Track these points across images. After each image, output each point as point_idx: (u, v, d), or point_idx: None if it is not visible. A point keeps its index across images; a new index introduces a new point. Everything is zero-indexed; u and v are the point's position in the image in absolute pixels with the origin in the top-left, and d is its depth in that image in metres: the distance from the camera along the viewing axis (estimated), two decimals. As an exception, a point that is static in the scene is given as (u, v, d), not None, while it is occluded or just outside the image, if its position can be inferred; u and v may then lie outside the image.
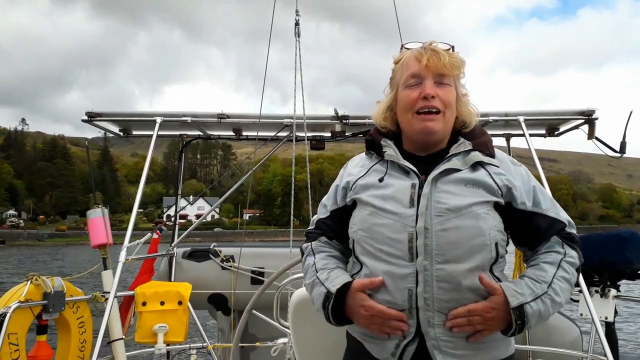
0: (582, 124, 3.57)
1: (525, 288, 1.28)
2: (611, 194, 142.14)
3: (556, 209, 1.42)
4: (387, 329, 1.29)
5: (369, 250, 1.35)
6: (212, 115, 3.81)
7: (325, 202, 1.57)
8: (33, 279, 2.98)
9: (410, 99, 1.40)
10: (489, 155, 1.41)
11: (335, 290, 1.34)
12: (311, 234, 1.55)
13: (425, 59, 1.38)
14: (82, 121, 3.63)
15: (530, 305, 1.26)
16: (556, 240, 1.37)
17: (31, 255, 42.60)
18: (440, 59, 1.38)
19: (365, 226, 1.36)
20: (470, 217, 1.29)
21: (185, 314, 3.39)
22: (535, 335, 3.19)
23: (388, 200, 1.34)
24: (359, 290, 1.32)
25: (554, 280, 1.31)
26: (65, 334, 3.17)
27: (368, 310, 1.30)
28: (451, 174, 1.35)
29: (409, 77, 1.42)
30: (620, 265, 3.02)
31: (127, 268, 3.38)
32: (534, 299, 1.26)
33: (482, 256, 1.29)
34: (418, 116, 1.39)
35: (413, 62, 1.42)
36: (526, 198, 1.38)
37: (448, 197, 1.31)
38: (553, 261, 1.34)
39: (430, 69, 1.38)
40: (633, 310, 10.41)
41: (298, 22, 3.88)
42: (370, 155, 1.51)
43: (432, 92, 1.37)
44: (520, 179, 1.40)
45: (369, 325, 1.32)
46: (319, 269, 1.43)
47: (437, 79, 1.39)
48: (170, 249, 4.01)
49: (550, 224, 1.38)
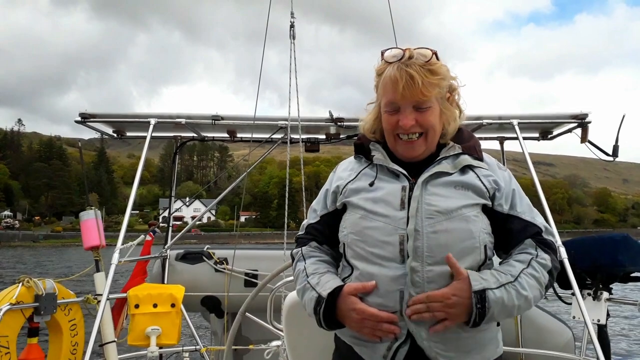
0: (575, 127, 3.59)
1: (489, 276, 1.28)
2: (606, 198, 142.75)
3: (532, 213, 1.42)
4: (379, 333, 1.29)
5: (360, 253, 1.34)
6: (206, 116, 3.80)
7: (315, 206, 1.56)
8: (24, 281, 2.96)
9: (390, 124, 1.41)
10: (477, 158, 1.43)
11: (327, 295, 1.33)
12: (301, 239, 1.55)
13: (400, 87, 1.34)
14: (75, 122, 3.62)
15: (493, 292, 1.25)
16: (530, 243, 1.37)
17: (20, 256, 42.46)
18: (415, 85, 1.32)
19: (357, 229, 1.36)
20: (461, 220, 1.30)
21: (178, 316, 3.38)
22: (527, 337, 3.20)
23: (379, 203, 1.35)
24: (350, 294, 1.32)
25: (521, 275, 1.30)
26: (56, 337, 3.15)
27: (359, 313, 1.29)
28: (441, 177, 1.36)
29: (387, 103, 1.40)
30: (612, 268, 3.03)
31: (120, 270, 3.36)
32: (498, 286, 1.26)
33: (471, 258, 1.30)
34: (400, 140, 1.40)
35: (389, 88, 1.37)
36: (504, 200, 1.39)
37: (438, 200, 1.32)
38: (523, 260, 1.34)
39: (407, 98, 1.35)
40: (625, 313, 10.46)
41: (293, 25, 3.89)
42: (359, 159, 1.51)
43: (409, 123, 1.36)
44: (504, 182, 1.42)
45: (360, 329, 1.31)
46: (310, 274, 1.42)
47: (415, 105, 1.37)
48: (164, 251, 4.00)
49: (524, 226, 1.38)
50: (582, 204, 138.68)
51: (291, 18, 3.91)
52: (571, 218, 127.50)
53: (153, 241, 3.88)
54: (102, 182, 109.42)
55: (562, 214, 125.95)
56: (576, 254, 3.06)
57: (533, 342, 3.18)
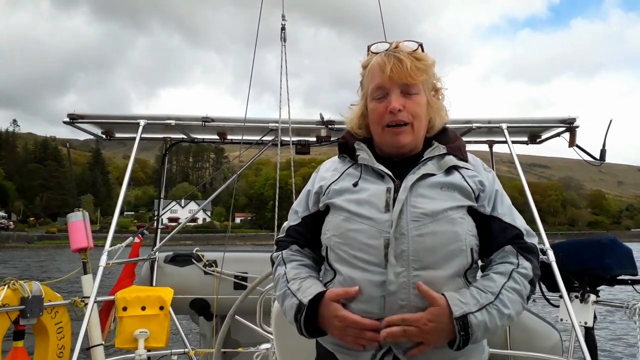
0: (563, 131, 3.61)
1: (469, 298, 1.22)
2: (600, 201, 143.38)
3: (513, 216, 1.37)
4: (362, 341, 1.23)
5: (344, 257, 1.29)
6: (196, 118, 3.79)
7: (296, 207, 1.50)
8: (10, 283, 2.95)
9: (378, 113, 1.37)
10: (462, 159, 1.40)
11: (308, 301, 1.27)
12: (281, 243, 1.48)
13: (388, 69, 1.33)
14: (63, 123, 3.59)
15: (475, 316, 1.19)
16: (511, 250, 1.31)
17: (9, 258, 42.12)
18: (403, 67, 1.32)
19: (340, 232, 1.31)
20: (447, 222, 1.26)
21: (167, 319, 3.36)
22: (515, 340, 3.21)
23: (363, 205, 1.30)
24: (332, 301, 1.26)
25: (502, 291, 1.24)
26: (43, 340, 3.13)
27: (342, 320, 1.24)
28: (427, 178, 1.32)
29: (374, 89, 1.38)
30: (599, 271, 3.04)
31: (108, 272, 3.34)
32: (479, 309, 1.20)
33: (458, 262, 1.26)
34: (387, 129, 1.36)
35: (377, 72, 1.37)
36: (486, 201, 1.35)
37: (424, 202, 1.28)
38: (504, 271, 1.28)
39: (395, 80, 1.34)
40: (612, 316, 10.53)
41: (284, 27, 3.90)
42: (343, 159, 1.47)
43: (398, 105, 1.33)
44: (488, 183, 1.39)
45: (343, 337, 1.26)
46: (290, 279, 1.36)
47: (403, 89, 1.35)
48: (152, 253, 3.98)
49: (504, 228, 1.34)
50: (577, 206, 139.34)
51: (282, 20, 3.91)
52: (565, 220, 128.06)
53: (142, 243, 3.86)
54: (97, 183, 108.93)
55: (557, 216, 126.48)
56: (564, 256, 3.07)
57: (521, 345, 3.19)
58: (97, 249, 3.42)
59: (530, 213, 3.22)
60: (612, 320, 10.57)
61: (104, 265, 3.13)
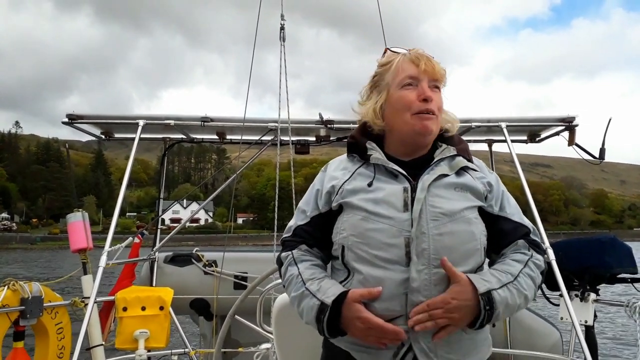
0: (562, 130, 3.61)
1: (490, 277, 1.28)
2: (603, 200, 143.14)
3: (520, 215, 1.44)
4: (385, 340, 1.25)
5: (363, 256, 1.29)
6: (195, 118, 3.80)
7: (303, 207, 1.48)
8: (10, 284, 2.95)
9: (408, 100, 1.39)
10: (469, 161, 1.44)
11: (331, 302, 1.27)
12: (289, 242, 1.46)
13: (422, 63, 1.40)
14: (62, 123, 3.60)
15: (498, 292, 1.24)
16: (523, 244, 1.38)
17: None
18: (434, 65, 1.41)
19: (358, 231, 1.31)
20: (463, 222, 1.30)
21: (167, 319, 3.35)
22: (515, 339, 3.20)
23: (380, 205, 1.31)
24: (355, 301, 1.25)
25: (520, 275, 1.30)
26: (43, 341, 3.13)
27: (364, 322, 1.24)
28: (441, 179, 1.35)
29: (405, 78, 1.41)
30: (599, 269, 3.04)
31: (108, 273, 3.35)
32: (501, 286, 1.25)
33: (474, 260, 1.30)
34: (416, 116, 1.38)
35: (409, 65, 1.42)
36: (494, 202, 1.40)
37: (441, 202, 1.31)
38: (520, 259, 1.34)
39: (428, 73, 1.40)
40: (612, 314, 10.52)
41: (283, 27, 3.90)
42: (352, 158, 1.46)
43: (430, 94, 1.39)
44: (494, 184, 1.44)
45: (365, 338, 1.26)
46: (307, 280, 1.34)
47: (431, 84, 1.41)
48: (152, 254, 3.98)
49: (515, 227, 1.40)
50: (579, 205, 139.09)
51: (281, 20, 3.92)
52: (568, 219, 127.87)
53: (142, 243, 3.86)
54: (99, 185, 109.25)
55: (559, 216, 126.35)
56: (564, 255, 3.07)
57: (521, 344, 3.19)
58: (97, 250, 3.42)
59: (531, 212, 3.22)
60: (612, 318, 10.56)
61: (103, 265, 3.13)
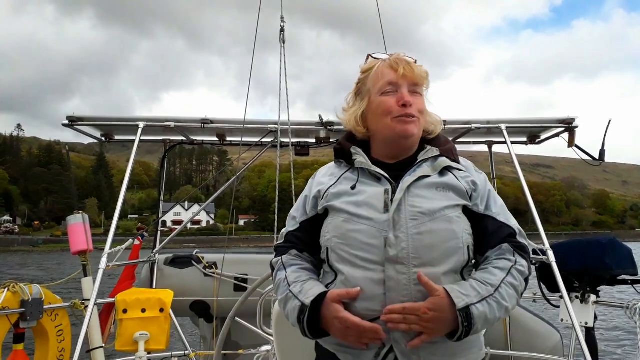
0: (562, 132, 3.61)
1: (470, 290, 1.26)
2: (605, 200, 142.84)
3: (506, 215, 1.43)
4: (365, 340, 1.26)
5: (345, 257, 1.33)
6: (195, 120, 3.80)
7: (294, 213, 1.53)
8: (10, 286, 2.96)
9: (388, 105, 1.42)
10: (454, 161, 1.45)
11: (310, 302, 1.30)
12: (281, 248, 1.51)
13: (401, 68, 1.43)
14: (63, 125, 3.61)
15: (477, 307, 1.23)
16: (507, 248, 1.36)
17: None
18: (413, 69, 1.44)
19: (340, 233, 1.35)
20: (444, 221, 1.31)
21: (167, 321, 3.36)
22: (515, 340, 3.19)
23: (362, 207, 1.34)
24: (334, 301, 1.28)
25: (502, 285, 1.28)
26: (43, 343, 3.14)
27: (342, 322, 1.26)
28: (422, 179, 1.37)
29: (385, 84, 1.44)
30: (600, 271, 3.03)
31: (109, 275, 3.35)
32: (480, 300, 1.24)
33: (455, 259, 1.30)
34: (397, 119, 1.41)
35: (388, 71, 1.45)
36: (479, 200, 1.41)
37: (422, 201, 1.33)
38: (503, 267, 1.32)
39: (406, 78, 1.43)
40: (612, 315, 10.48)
41: (283, 29, 3.91)
42: (339, 164, 1.51)
43: (410, 99, 1.41)
44: (480, 183, 1.44)
45: (345, 338, 1.28)
46: (292, 283, 1.39)
47: (411, 88, 1.43)
48: (152, 256, 3.98)
49: (499, 227, 1.39)
50: (581, 206, 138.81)
51: (281, 22, 3.92)
52: (569, 220, 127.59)
53: (142, 245, 3.87)
54: (101, 187, 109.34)
55: (561, 216, 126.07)
56: (564, 257, 3.06)
57: (521, 345, 3.17)
58: (98, 252, 3.43)
59: (531, 213, 3.22)
60: (613, 320, 10.52)
61: (104, 267, 3.13)
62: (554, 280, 2.96)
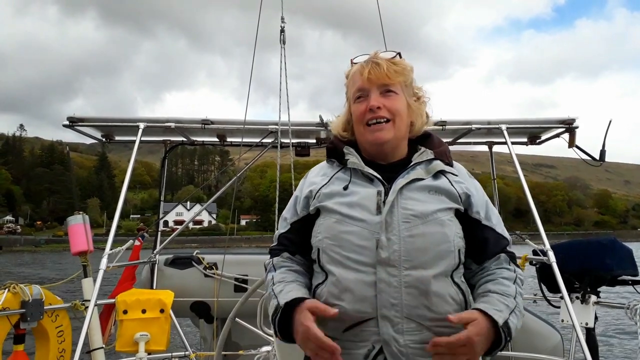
0: (562, 132, 3.61)
1: (500, 304, 1.27)
2: (607, 200, 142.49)
3: (502, 226, 1.46)
4: (321, 356, 1.24)
5: (336, 258, 1.32)
6: (196, 121, 3.81)
7: (285, 215, 1.53)
8: (10, 287, 2.96)
9: (360, 112, 1.43)
10: (448, 164, 1.45)
11: (283, 304, 1.30)
12: (274, 251, 1.52)
13: (366, 72, 1.41)
14: (63, 126, 3.62)
15: (511, 320, 1.26)
16: (505, 258, 1.40)
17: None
18: (380, 69, 1.41)
19: (332, 234, 1.34)
20: (436, 224, 1.31)
21: (167, 322, 3.36)
22: (516, 341, 3.19)
23: (354, 208, 1.33)
24: (308, 309, 1.27)
25: (517, 296, 1.33)
26: (43, 344, 3.14)
27: (306, 332, 1.25)
28: (416, 182, 1.37)
29: (355, 91, 1.45)
30: (600, 271, 3.03)
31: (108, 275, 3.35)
32: (510, 312, 1.27)
33: (446, 262, 1.30)
34: (368, 127, 1.42)
35: (357, 77, 1.45)
36: (480, 209, 1.41)
37: (414, 204, 1.32)
38: (510, 277, 1.36)
39: (373, 81, 1.41)
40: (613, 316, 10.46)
41: (283, 30, 3.91)
42: (331, 164, 1.50)
43: (377, 103, 1.40)
44: (475, 191, 1.44)
45: (304, 347, 1.27)
46: (276, 282, 1.40)
47: (381, 90, 1.42)
48: (152, 256, 3.99)
49: (498, 239, 1.41)
50: (583, 206, 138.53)
51: (281, 23, 3.92)
52: (571, 220, 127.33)
53: (142, 246, 3.87)
54: (103, 187, 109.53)
55: (563, 216, 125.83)
56: (564, 257, 3.06)
57: (522, 346, 3.17)
58: (98, 252, 3.43)
59: (532, 213, 3.21)
60: (613, 321, 10.50)
61: (104, 268, 3.14)
62: (555, 280, 2.96)
